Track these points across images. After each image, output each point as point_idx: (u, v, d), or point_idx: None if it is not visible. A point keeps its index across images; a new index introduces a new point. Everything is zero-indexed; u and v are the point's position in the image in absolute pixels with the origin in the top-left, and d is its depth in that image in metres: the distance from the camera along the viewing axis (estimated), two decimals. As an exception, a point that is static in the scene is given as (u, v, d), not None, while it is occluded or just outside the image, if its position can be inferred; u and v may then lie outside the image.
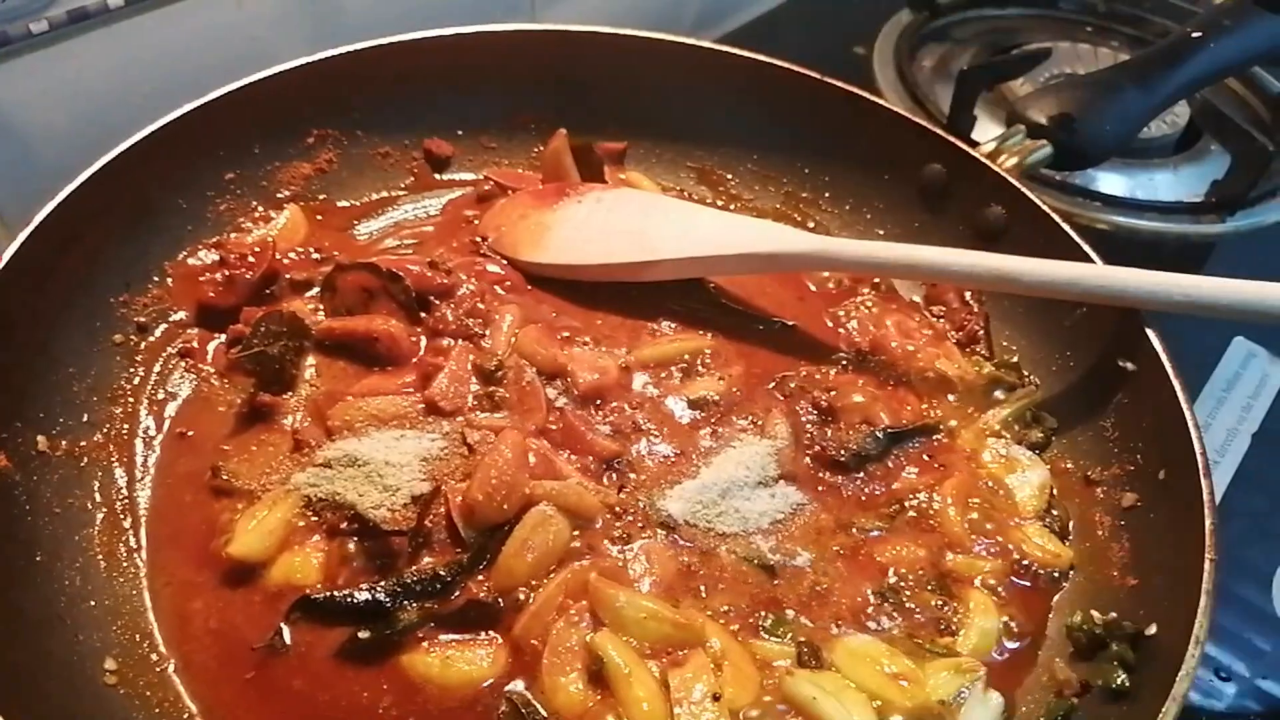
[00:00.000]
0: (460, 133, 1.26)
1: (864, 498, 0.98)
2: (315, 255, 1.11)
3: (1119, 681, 0.82)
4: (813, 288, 1.20)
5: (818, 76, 1.24)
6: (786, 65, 1.25)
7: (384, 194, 1.22)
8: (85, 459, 0.91)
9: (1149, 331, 0.99)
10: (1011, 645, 0.90)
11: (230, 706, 0.80)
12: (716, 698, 0.79)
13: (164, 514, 0.90)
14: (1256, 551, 1.16)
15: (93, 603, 0.83)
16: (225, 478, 0.92)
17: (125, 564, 0.87)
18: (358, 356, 1.02)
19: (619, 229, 1.13)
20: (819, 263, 1.11)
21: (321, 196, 1.19)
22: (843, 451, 0.99)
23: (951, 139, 1.20)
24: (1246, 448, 1.28)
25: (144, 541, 0.89)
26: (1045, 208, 1.11)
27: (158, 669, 0.81)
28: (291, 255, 1.10)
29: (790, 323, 1.14)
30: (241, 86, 1.10)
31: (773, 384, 1.06)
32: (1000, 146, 1.19)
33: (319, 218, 1.17)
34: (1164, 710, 0.73)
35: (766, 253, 1.08)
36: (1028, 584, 0.94)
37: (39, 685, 0.72)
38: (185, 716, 0.79)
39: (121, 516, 0.89)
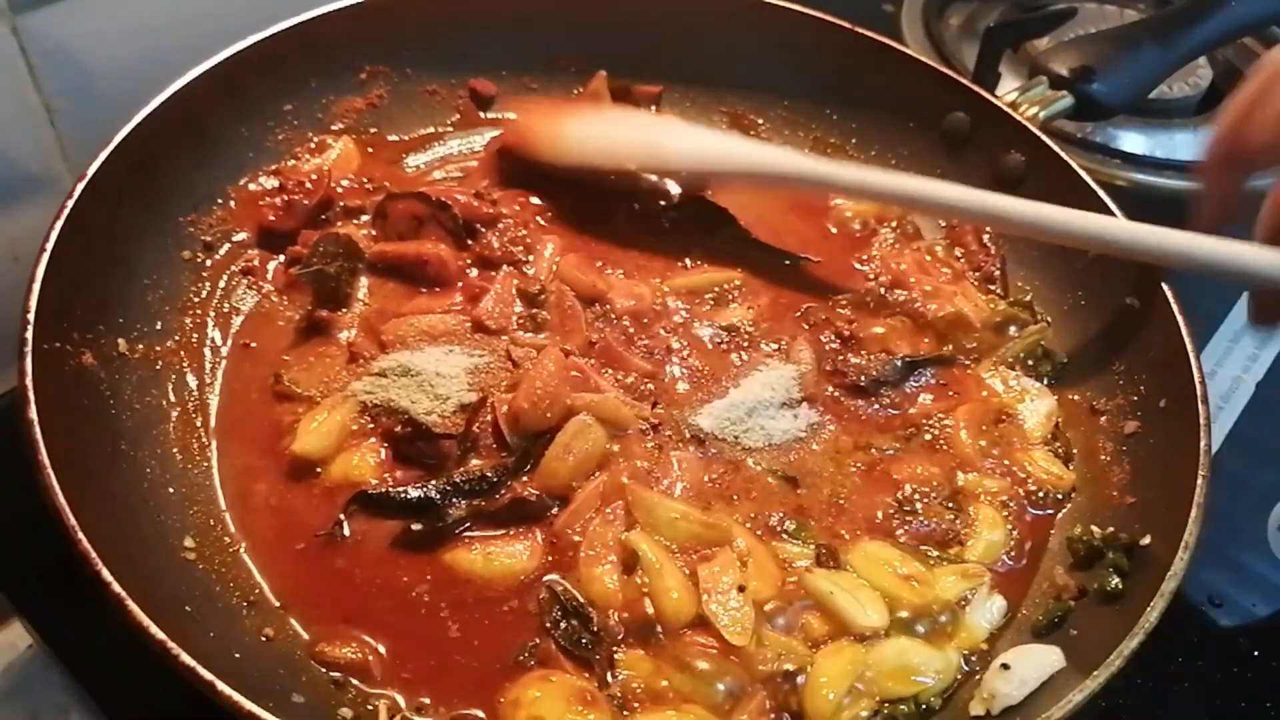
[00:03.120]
0: (504, 73, 1.32)
1: (881, 421, 1.05)
2: (367, 185, 1.17)
3: (1113, 585, 0.89)
4: (834, 230, 1.25)
5: (849, 26, 1.29)
6: (819, 15, 1.30)
7: (431, 129, 1.28)
8: (160, 363, 0.98)
9: (1156, 271, 1.04)
10: (1015, 557, 0.96)
11: (285, 577, 0.88)
12: (742, 589, 0.86)
13: (231, 414, 0.98)
14: (1253, 499, 1.22)
15: (171, 489, 0.90)
16: (287, 384, 0.99)
17: (198, 457, 0.94)
18: (408, 278, 1.09)
19: (637, 138, 1.20)
20: (825, 184, 1.16)
21: (373, 130, 1.25)
22: (863, 377, 1.05)
23: (975, 88, 1.25)
24: (1250, 396, 1.33)
25: (214, 438, 0.96)
26: (1064, 155, 1.16)
27: (230, 550, 0.89)
28: (345, 184, 1.16)
29: (816, 259, 1.20)
30: (300, 22, 1.15)
31: (798, 314, 1.12)
32: (1022, 96, 1.24)
33: (370, 150, 1.23)
34: (1152, 605, 0.80)
35: (775, 171, 1.15)
36: (1032, 504, 1.00)
37: (132, 554, 0.79)
38: (256, 591, 0.87)
39: (193, 415, 0.97)
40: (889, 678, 0.85)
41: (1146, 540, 0.90)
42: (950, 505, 0.98)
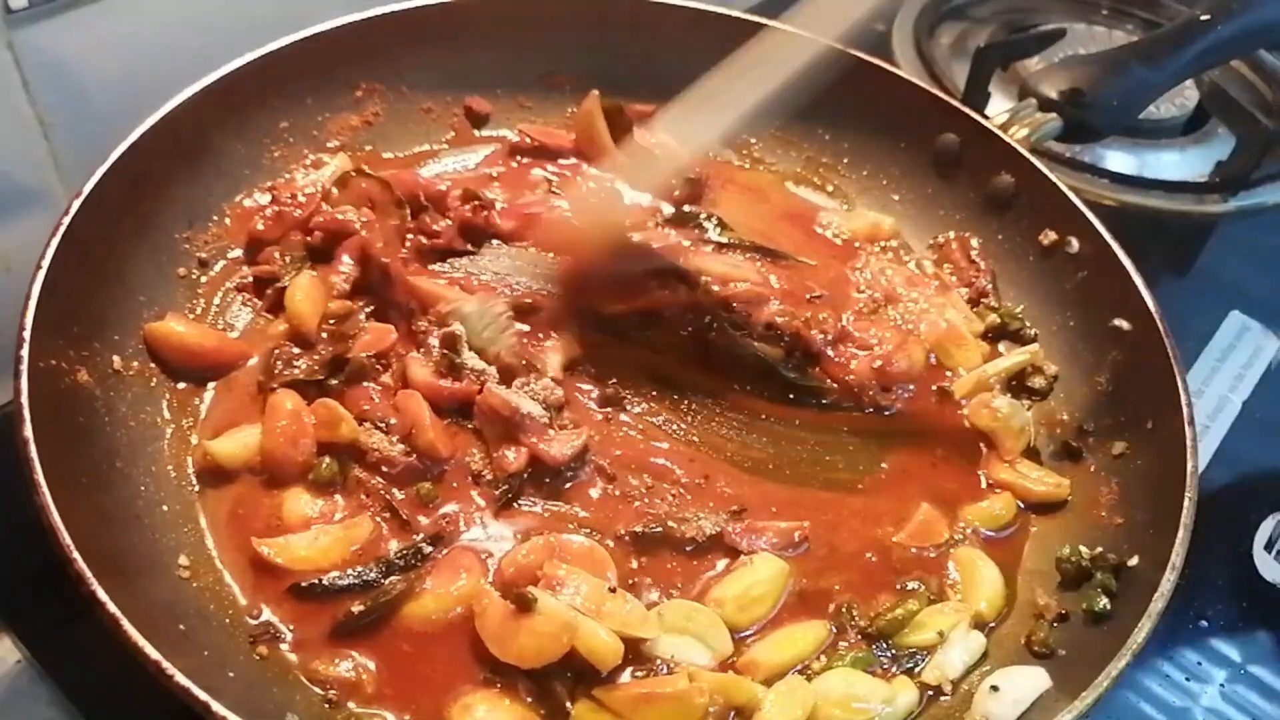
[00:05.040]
0: (499, 91, 1.33)
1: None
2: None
3: (1101, 606, 0.90)
4: (820, 230, 1.28)
5: (840, 47, 1.30)
6: (811, 36, 1.30)
7: (426, 147, 1.29)
8: (154, 379, 0.98)
9: (1144, 293, 1.06)
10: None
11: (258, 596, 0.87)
12: (613, 590, 0.87)
13: (225, 432, 0.97)
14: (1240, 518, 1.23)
15: (165, 507, 0.90)
16: (281, 401, 0.99)
17: (191, 475, 0.94)
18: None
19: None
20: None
21: (368, 147, 1.25)
22: None
23: (966, 110, 1.26)
24: (1236, 414, 1.35)
25: (207, 455, 0.96)
26: (1052, 177, 1.18)
27: (218, 570, 0.89)
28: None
29: (811, 262, 1.22)
30: (296, 40, 1.16)
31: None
32: (1012, 118, 1.25)
33: (365, 168, 1.23)
34: (1139, 626, 0.81)
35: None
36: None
37: (126, 573, 0.79)
38: (255, 613, 0.86)
39: (188, 432, 0.97)
40: (833, 705, 0.85)
41: (1134, 561, 0.91)
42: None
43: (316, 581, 0.87)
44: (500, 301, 1.06)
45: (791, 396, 1.08)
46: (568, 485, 0.97)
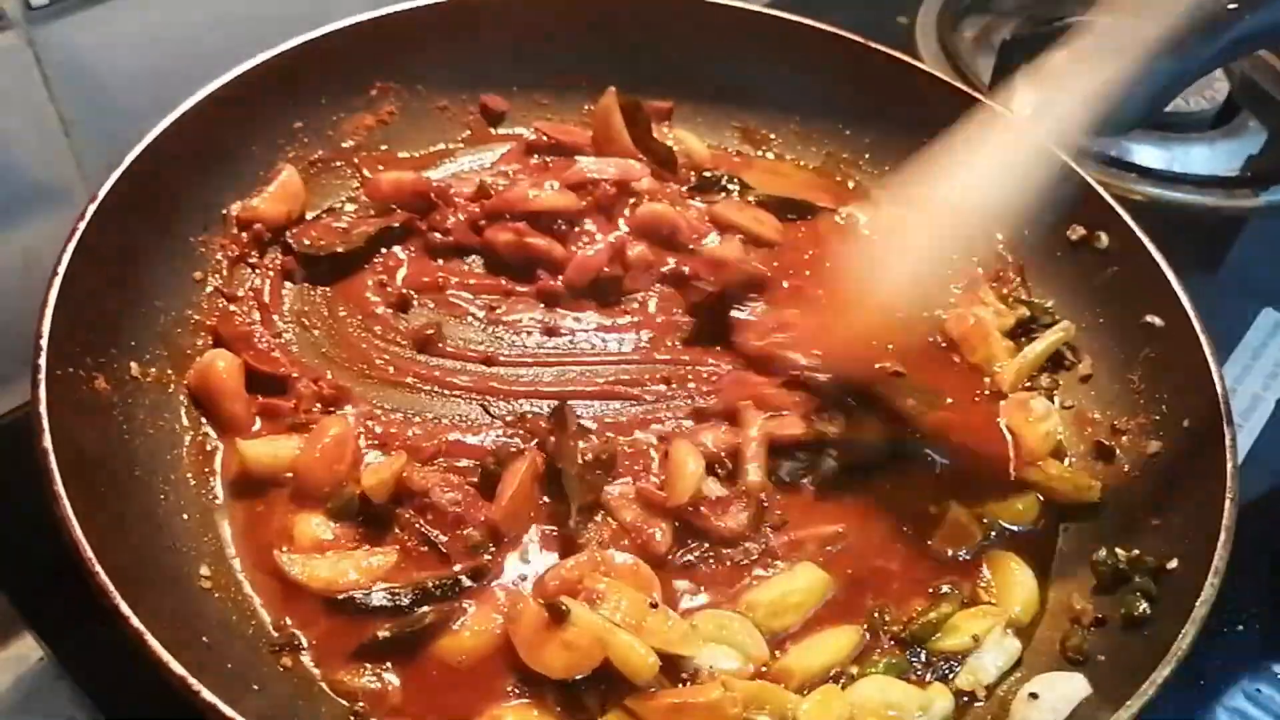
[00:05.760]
0: (515, 89, 1.31)
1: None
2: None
3: (1140, 610, 0.88)
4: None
5: (862, 41, 1.29)
6: (832, 29, 1.29)
7: (442, 146, 1.27)
8: (172, 386, 0.97)
9: (1177, 288, 1.03)
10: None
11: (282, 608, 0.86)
12: (654, 605, 0.85)
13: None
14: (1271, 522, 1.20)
15: (185, 516, 0.89)
16: (298, 410, 0.98)
17: (211, 483, 0.93)
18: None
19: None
20: None
21: (384, 147, 1.24)
22: None
23: (992, 104, 1.23)
24: (1270, 412, 1.32)
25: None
26: (1081, 171, 1.16)
27: (240, 581, 0.88)
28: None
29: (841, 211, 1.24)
30: (311, 39, 1.14)
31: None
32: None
33: (381, 168, 1.22)
34: (1184, 632, 0.79)
35: None
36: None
37: (149, 585, 0.78)
38: (279, 625, 0.85)
39: (206, 440, 0.96)
40: (869, 714, 0.83)
41: (1173, 564, 0.89)
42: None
43: (350, 597, 0.85)
44: None
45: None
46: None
